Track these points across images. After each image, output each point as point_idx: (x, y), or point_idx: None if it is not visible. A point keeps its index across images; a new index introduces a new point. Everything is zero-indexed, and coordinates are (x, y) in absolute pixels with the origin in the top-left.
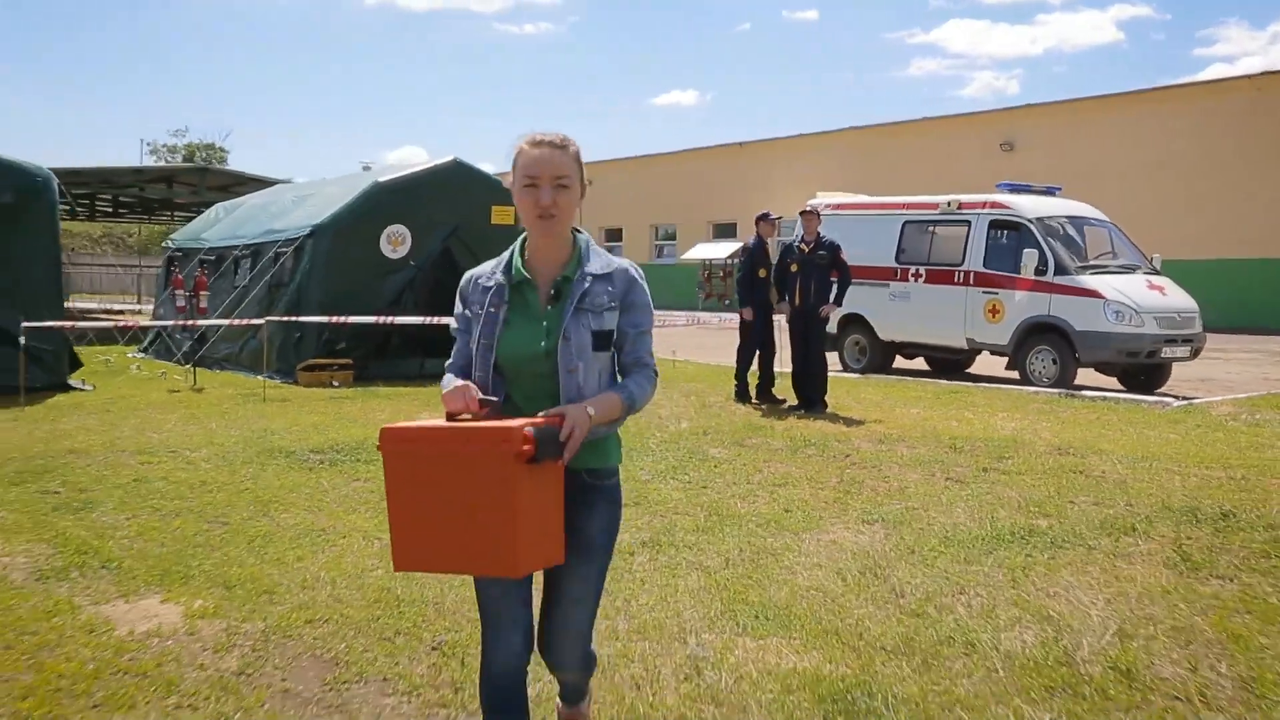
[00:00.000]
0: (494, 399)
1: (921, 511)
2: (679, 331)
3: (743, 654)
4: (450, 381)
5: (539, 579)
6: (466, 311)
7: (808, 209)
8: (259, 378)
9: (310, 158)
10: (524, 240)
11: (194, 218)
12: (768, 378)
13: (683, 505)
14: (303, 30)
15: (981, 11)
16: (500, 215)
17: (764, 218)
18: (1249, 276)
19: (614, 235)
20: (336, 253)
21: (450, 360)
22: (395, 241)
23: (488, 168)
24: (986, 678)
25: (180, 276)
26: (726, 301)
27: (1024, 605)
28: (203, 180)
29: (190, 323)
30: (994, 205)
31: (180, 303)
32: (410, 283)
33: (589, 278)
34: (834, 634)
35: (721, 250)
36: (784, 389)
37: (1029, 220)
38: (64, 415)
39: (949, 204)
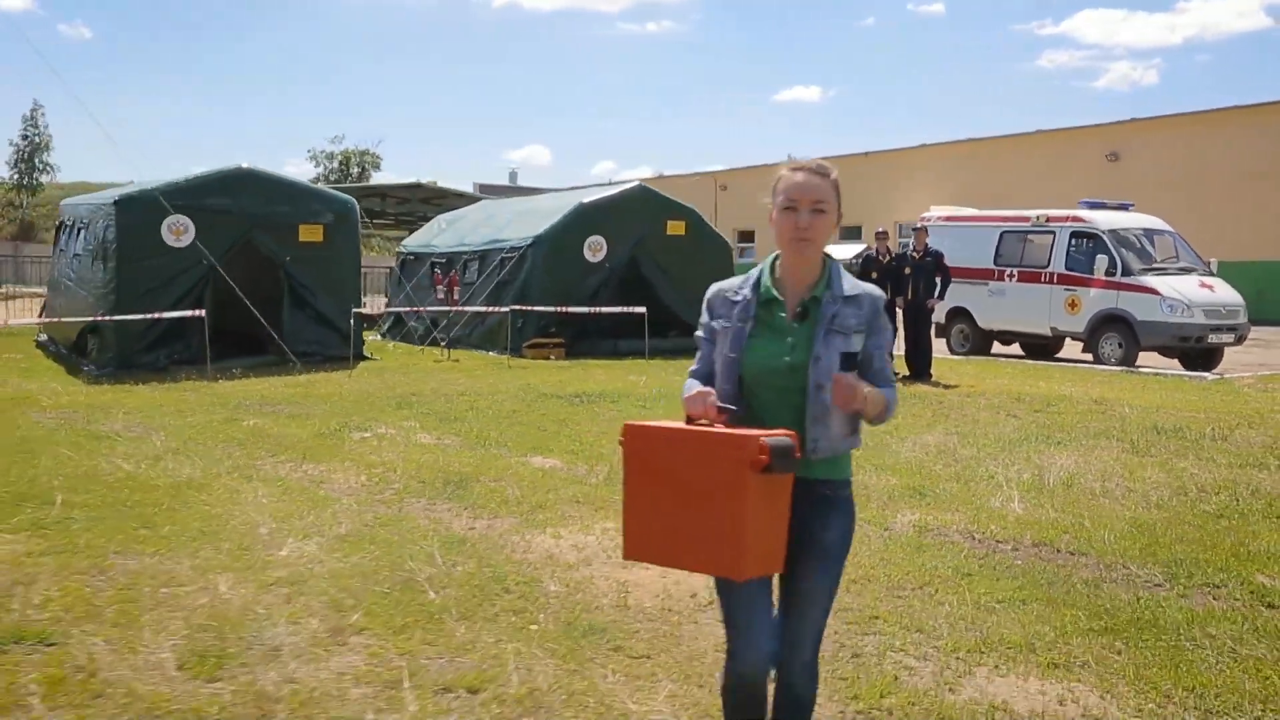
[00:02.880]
0: (732, 408)
1: (982, 429)
2: None
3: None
4: (692, 386)
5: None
6: (713, 323)
7: (919, 225)
8: (490, 354)
9: (447, 160)
10: (774, 259)
11: (407, 225)
12: None
13: None
14: (431, 33)
15: (1116, 1)
16: (674, 228)
17: (881, 236)
18: None
19: (745, 237)
20: (552, 257)
21: (694, 366)
22: (595, 249)
23: (609, 165)
24: (999, 490)
25: (440, 275)
26: None
27: (1027, 463)
28: (414, 194)
29: (457, 308)
30: (1074, 219)
31: (440, 294)
32: (605, 281)
33: (840, 299)
34: (917, 470)
35: (847, 252)
36: (899, 364)
37: (1102, 232)
38: (382, 375)
39: (1038, 218)
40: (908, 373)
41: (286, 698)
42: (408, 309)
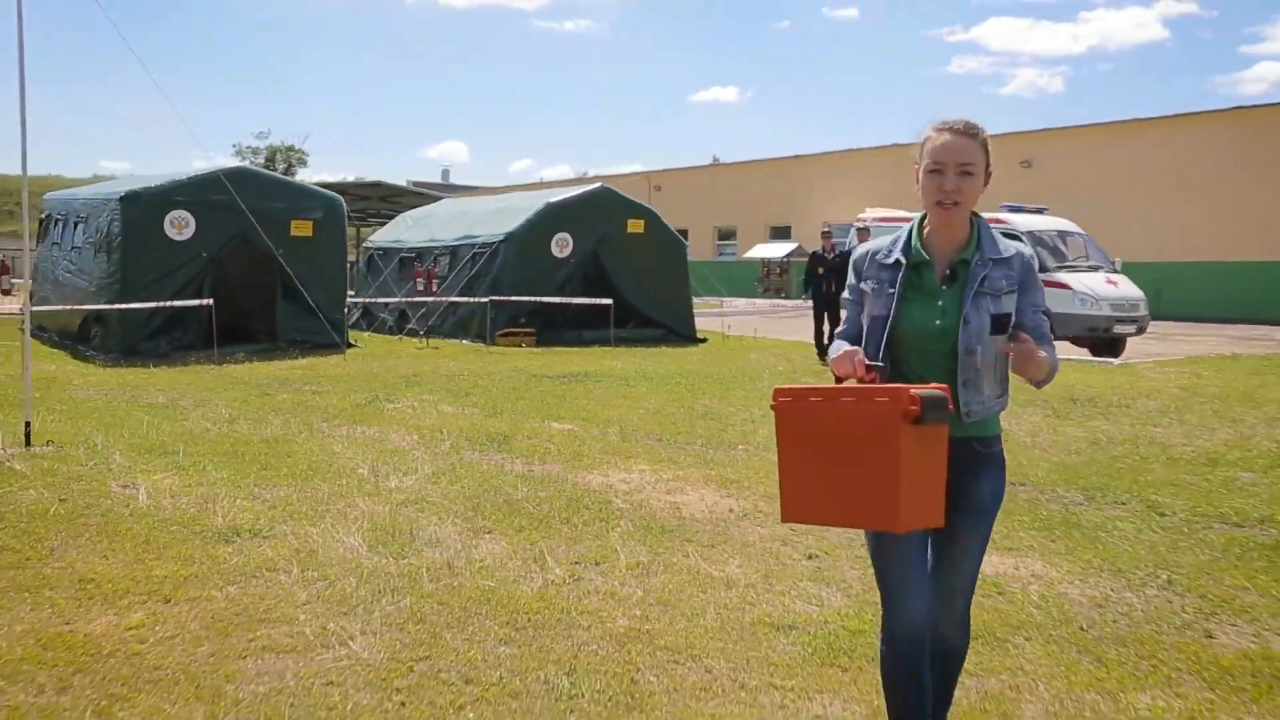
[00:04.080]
0: (881, 364)
1: None
2: (752, 317)
3: None
4: (840, 347)
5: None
6: (861, 284)
7: (862, 226)
8: (464, 342)
9: (368, 156)
10: (921, 219)
11: (357, 222)
12: (831, 341)
13: None
14: (347, 29)
15: (1023, 9)
16: (634, 226)
17: (826, 235)
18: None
19: (680, 234)
20: (522, 252)
21: (841, 329)
22: (562, 245)
23: (526, 164)
24: None
25: (419, 268)
26: (782, 294)
27: None
28: (374, 192)
29: (436, 298)
30: (996, 221)
31: (419, 286)
32: (570, 275)
33: (989, 262)
34: None
35: (779, 250)
36: None
37: (1021, 233)
38: (374, 360)
39: None
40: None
41: (464, 567)
42: (376, 300)
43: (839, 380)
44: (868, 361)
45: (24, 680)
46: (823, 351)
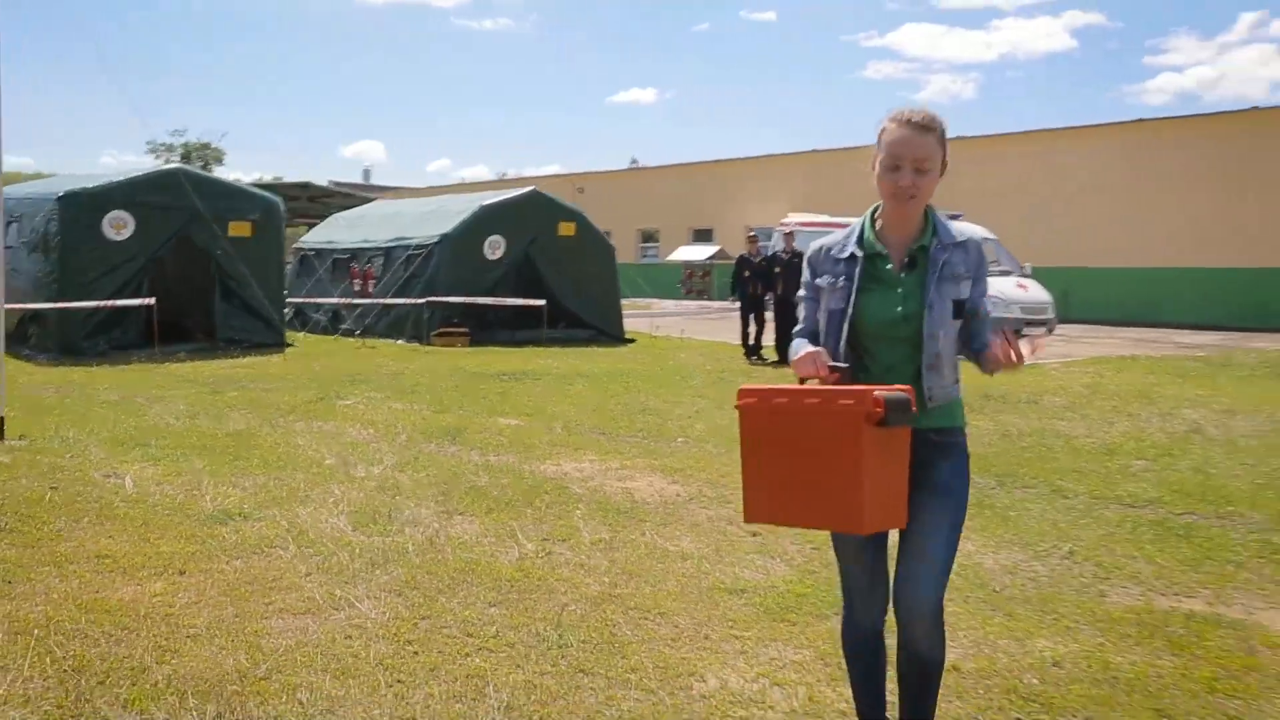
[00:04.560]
0: (844, 365)
1: None
2: (676, 318)
3: None
4: (800, 348)
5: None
6: (816, 281)
7: (788, 230)
8: (399, 342)
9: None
10: (874, 211)
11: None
12: (757, 343)
13: (725, 395)
14: (261, 28)
15: (937, 16)
16: (565, 229)
17: (753, 239)
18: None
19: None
20: (456, 254)
21: (799, 327)
22: (494, 247)
23: (444, 163)
24: None
25: (357, 269)
26: (705, 296)
27: None
28: (304, 193)
29: (371, 299)
30: None
31: (356, 287)
32: (503, 277)
33: (948, 247)
34: None
35: (701, 253)
36: (770, 350)
37: None
38: (315, 359)
39: None
40: (778, 358)
41: (444, 543)
42: (311, 301)
43: (802, 381)
44: (831, 363)
45: (79, 637)
46: (750, 351)
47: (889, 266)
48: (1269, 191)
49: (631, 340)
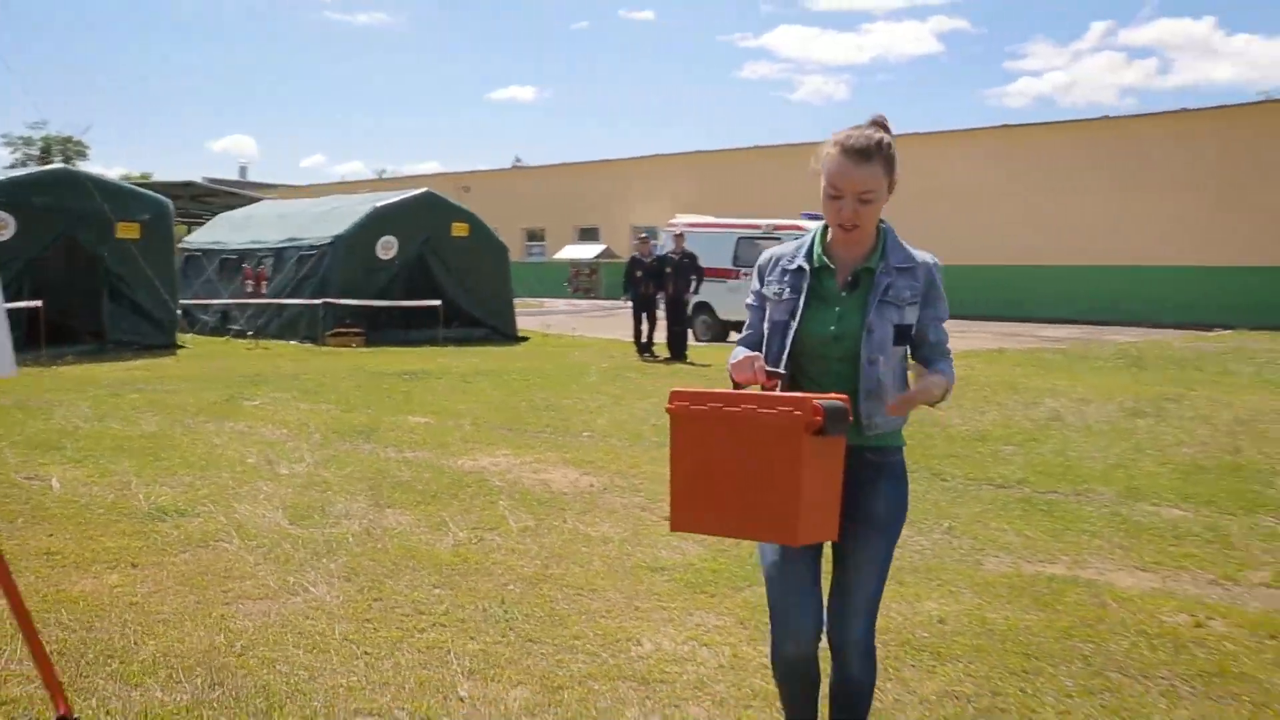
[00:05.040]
0: (781, 372)
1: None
2: (564, 316)
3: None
4: (740, 353)
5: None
6: (764, 289)
7: (678, 232)
8: (293, 342)
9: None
10: (825, 226)
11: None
12: (649, 340)
13: (623, 391)
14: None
15: (810, 19)
16: (458, 230)
17: (644, 239)
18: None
19: None
20: (349, 255)
21: (742, 335)
22: (387, 248)
23: (318, 159)
24: None
25: (250, 269)
26: (592, 295)
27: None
28: (186, 191)
29: (263, 300)
30: (797, 228)
31: (249, 288)
32: (395, 277)
33: (894, 271)
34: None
35: (588, 252)
36: (661, 348)
37: None
38: (210, 360)
39: (768, 227)
40: (669, 355)
41: (381, 534)
42: (198, 302)
43: (737, 386)
44: (768, 368)
45: (54, 625)
46: (642, 349)
47: (832, 283)
48: (1118, 194)
49: (525, 339)
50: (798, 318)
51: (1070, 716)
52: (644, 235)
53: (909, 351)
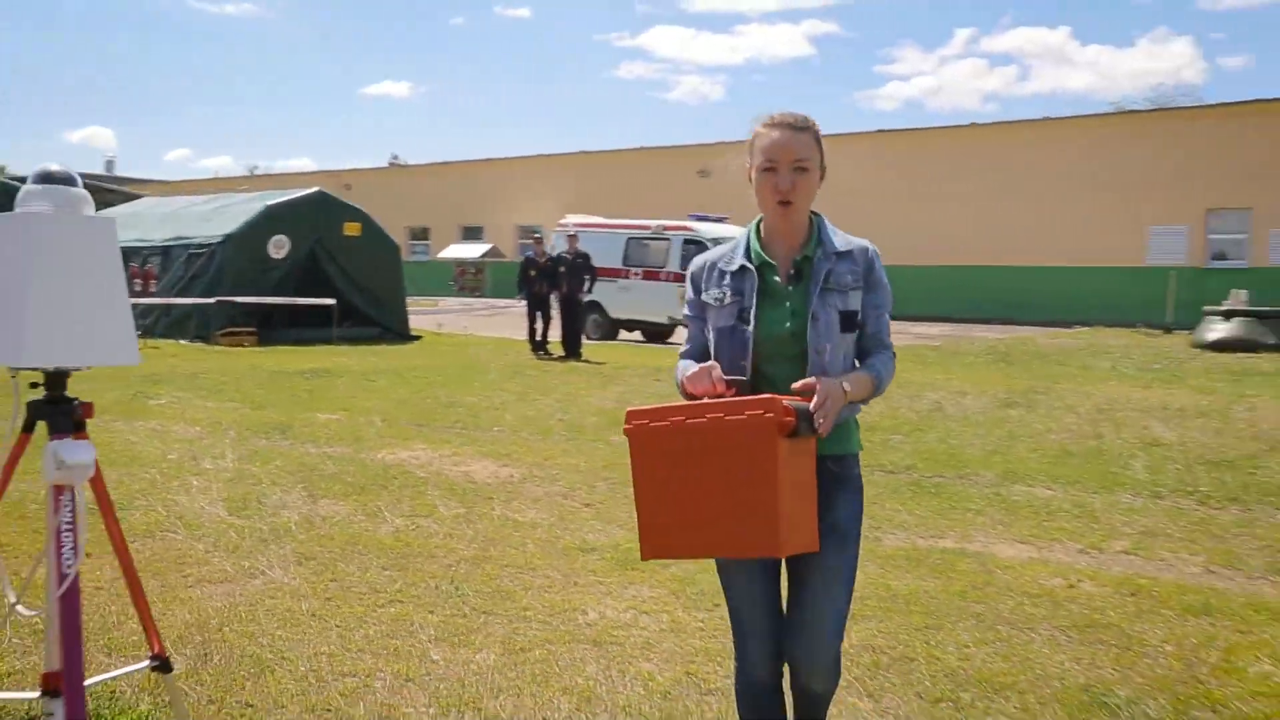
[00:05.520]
0: (741, 379)
1: (644, 388)
2: (455, 315)
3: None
4: (688, 367)
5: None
6: (703, 298)
7: (572, 233)
8: (182, 342)
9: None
10: (759, 223)
11: None
12: (544, 339)
13: (525, 388)
14: None
15: (686, 20)
16: (350, 229)
17: (538, 239)
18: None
19: None
20: (240, 253)
21: (684, 348)
22: (278, 247)
23: (183, 153)
24: None
25: (138, 268)
26: (478, 293)
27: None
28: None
29: (151, 299)
30: (685, 229)
31: (138, 287)
32: (287, 275)
33: (832, 256)
34: (615, 413)
35: (473, 251)
36: (556, 346)
37: (707, 239)
38: None
39: (657, 228)
40: (563, 353)
41: (321, 522)
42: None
43: (693, 400)
44: (725, 378)
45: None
46: (536, 347)
47: (776, 278)
48: (982, 197)
49: (418, 337)
50: (751, 321)
51: (970, 662)
52: (537, 235)
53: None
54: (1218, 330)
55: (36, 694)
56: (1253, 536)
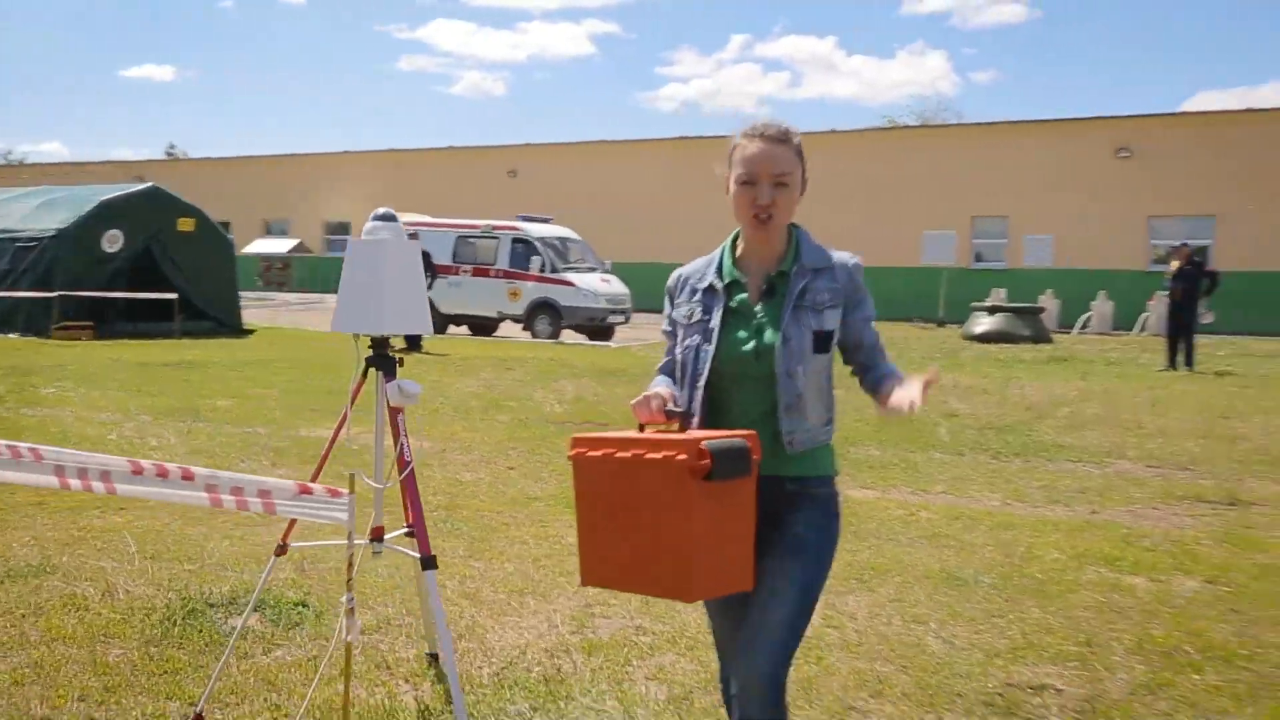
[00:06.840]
0: (681, 410)
1: (502, 376)
2: (274, 310)
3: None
4: (658, 384)
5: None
6: (674, 313)
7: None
8: (13, 336)
9: None
10: (735, 236)
11: None
12: None
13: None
14: None
15: (468, 14)
16: (184, 224)
17: None
18: None
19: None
20: (73, 248)
21: (662, 362)
22: (112, 241)
23: None
24: (547, 401)
25: None
26: (285, 288)
27: (549, 389)
28: None
29: (13, 294)
30: (513, 229)
31: None
32: (121, 270)
33: (810, 272)
34: (489, 395)
35: (281, 246)
36: (397, 339)
37: (535, 239)
38: None
39: (486, 227)
40: (405, 346)
41: None
42: None
43: (641, 428)
44: (669, 407)
45: (91, 553)
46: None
47: (744, 296)
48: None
49: (252, 331)
50: (714, 341)
51: (857, 557)
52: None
53: (846, 359)
54: (984, 324)
55: (367, 540)
56: (1033, 479)
